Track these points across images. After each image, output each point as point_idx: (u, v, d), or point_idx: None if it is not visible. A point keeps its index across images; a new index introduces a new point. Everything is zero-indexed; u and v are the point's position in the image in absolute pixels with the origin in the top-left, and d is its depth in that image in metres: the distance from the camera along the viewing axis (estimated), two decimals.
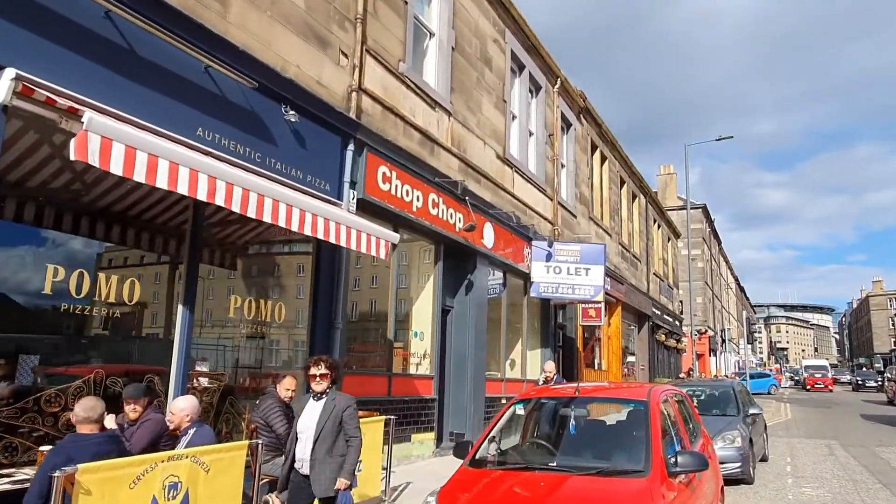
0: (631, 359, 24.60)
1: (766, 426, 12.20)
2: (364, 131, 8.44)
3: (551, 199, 15.65)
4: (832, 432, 17.43)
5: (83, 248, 5.79)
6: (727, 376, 38.59)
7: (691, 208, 53.55)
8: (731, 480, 8.49)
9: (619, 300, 21.04)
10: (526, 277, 13.90)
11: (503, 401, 12.69)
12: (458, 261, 11.46)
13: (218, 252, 7.09)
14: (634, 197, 25.61)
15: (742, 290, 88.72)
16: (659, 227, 30.23)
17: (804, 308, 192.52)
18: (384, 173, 8.88)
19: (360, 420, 4.82)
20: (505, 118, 13.27)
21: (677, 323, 32.46)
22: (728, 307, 68.17)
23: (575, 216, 17.42)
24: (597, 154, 20.43)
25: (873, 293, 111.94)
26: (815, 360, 67.73)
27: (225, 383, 6.76)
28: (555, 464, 4.46)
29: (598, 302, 16.88)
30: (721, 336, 38.32)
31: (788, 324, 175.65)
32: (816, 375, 49.00)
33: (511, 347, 14.25)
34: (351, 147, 8.23)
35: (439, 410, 10.66)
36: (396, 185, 9.15)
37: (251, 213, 5.65)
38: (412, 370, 10.36)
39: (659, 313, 28.12)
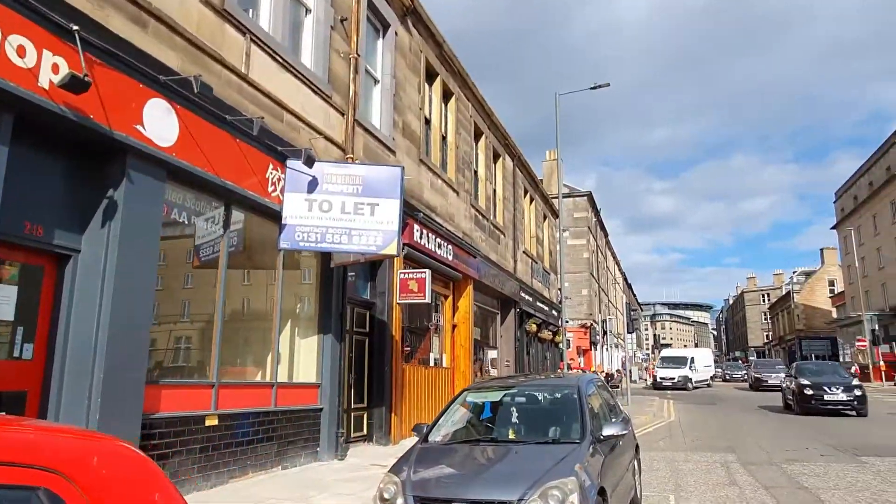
0: (491, 354, 19.96)
1: (637, 448, 7.59)
2: None
3: (342, 114, 10.47)
4: (725, 440, 13.46)
5: None
6: (595, 372, 34.98)
7: (576, 196, 51.03)
8: None
9: (470, 276, 16.26)
10: (279, 218, 8.63)
11: (207, 423, 7.35)
12: (73, 159, 5.99)
13: None
14: (498, 157, 21.04)
15: (629, 286, 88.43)
16: (532, 200, 25.95)
17: (686, 306, 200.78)
18: None
19: None
20: None
21: (555, 313, 28.35)
22: (615, 302, 66.52)
23: (393, 151, 12.35)
24: (436, 84, 15.51)
25: (748, 289, 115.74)
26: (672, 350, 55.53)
27: None
28: None
29: (420, 271, 11.93)
30: (602, 328, 34.84)
31: (672, 321, 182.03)
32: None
33: (255, 335, 8.93)
34: None
35: None
36: None
37: None
38: None
39: (530, 299, 23.77)
